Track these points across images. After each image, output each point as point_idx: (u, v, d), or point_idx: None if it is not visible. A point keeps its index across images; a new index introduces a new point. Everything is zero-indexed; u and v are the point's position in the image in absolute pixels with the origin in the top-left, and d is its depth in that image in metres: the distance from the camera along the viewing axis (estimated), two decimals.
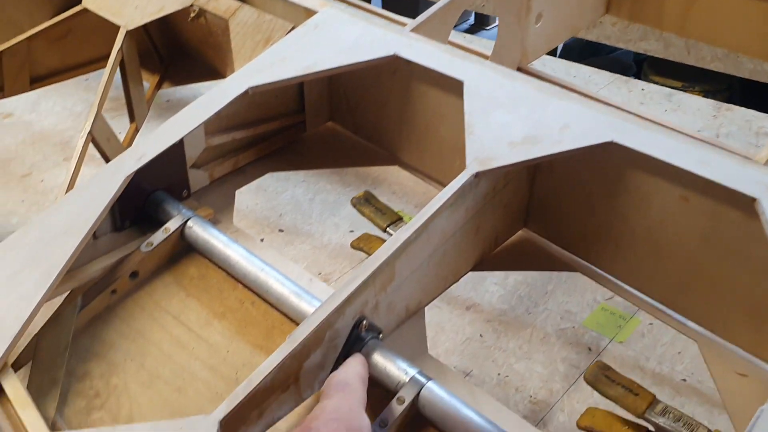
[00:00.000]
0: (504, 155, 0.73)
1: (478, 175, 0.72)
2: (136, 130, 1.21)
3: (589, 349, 1.20)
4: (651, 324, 1.24)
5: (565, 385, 1.13)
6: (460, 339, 1.24)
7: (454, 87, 0.84)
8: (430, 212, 0.69)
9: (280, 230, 1.63)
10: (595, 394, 1.09)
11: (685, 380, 1.16)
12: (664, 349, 1.20)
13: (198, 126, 0.85)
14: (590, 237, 0.84)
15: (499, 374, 1.16)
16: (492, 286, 1.34)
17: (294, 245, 1.57)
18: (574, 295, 1.32)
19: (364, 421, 0.55)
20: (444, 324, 1.27)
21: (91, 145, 1.07)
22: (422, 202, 1.55)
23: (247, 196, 1.80)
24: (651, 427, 0.69)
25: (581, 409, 1.08)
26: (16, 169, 1.96)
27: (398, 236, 0.68)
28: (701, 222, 0.72)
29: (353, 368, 0.63)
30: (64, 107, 2.24)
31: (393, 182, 1.71)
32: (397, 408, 0.63)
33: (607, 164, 0.77)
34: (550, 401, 1.10)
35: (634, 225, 0.79)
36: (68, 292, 0.77)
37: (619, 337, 1.22)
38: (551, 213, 0.86)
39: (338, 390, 0.58)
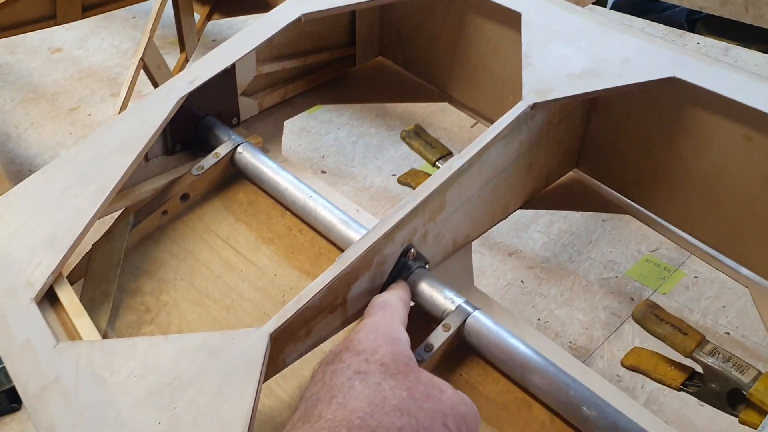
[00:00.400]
0: (562, 87, 0.71)
1: (534, 107, 0.71)
2: (186, 61, 1.21)
3: (632, 299, 1.19)
4: (696, 277, 1.22)
5: (605, 332, 1.12)
6: (500, 284, 1.23)
7: (511, 19, 0.82)
8: (484, 142, 0.68)
9: (323, 171, 1.64)
10: (636, 341, 1.09)
11: (729, 334, 1.14)
12: (708, 303, 1.18)
13: (250, 51, 0.84)
14: (644, 179, 0.82)
15: (539, 319, 1.15)
16: (535, 234, 1.33)
17: (336, 187, 1.57)
18: (618, 246, 1.30)
19: (402, 333, 0.56)
20: (485, 269, 1.26)
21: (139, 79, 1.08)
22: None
23: (290, 138, 1.81)
24: (698, 368, 0.68)
25: (621, 357, 1.08)
26: (65, 102, 1.99)
27: (451, 165, 0.68)
28: (764, 163, 0.70)
29: (395, 291, 0.64)
30: (111, 44, 2.26)
31: (438, 126, 1.69)
32: (443, 334, 0.63)
33: (667, 102, 0.75)
34: (590, 347, 1.09)
35: (692, 167, 0.77)
36: (121, 211, 0.78)
37: (662, 289, 1.20)
38: (605, 153, 0.84)
39: (379, 309, 0.59)
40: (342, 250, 0.75)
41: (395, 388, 0.47)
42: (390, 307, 0.59)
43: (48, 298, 0.67)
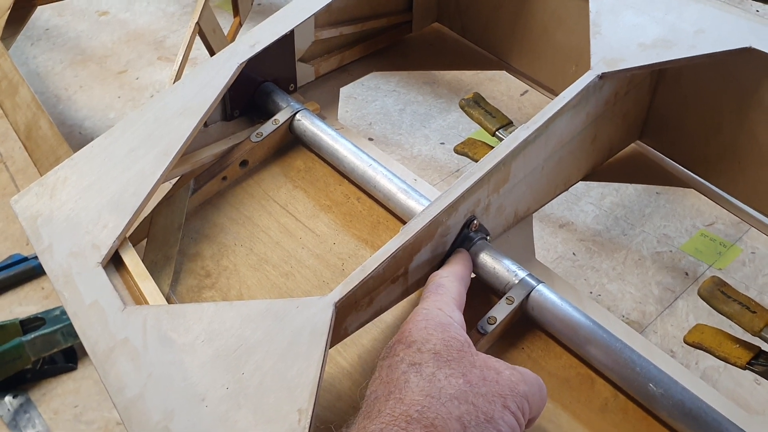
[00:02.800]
0: (633, 57, 0.69)
1: (603, 77, 0.69)
2: (240, 25, 1.20)
3: (686, 274, 1.17)
4: (753, 253, 1.19)
5: (659, 307, 1.11)
6: (551, 256, 1.22)
7: None
8: (551, 112, 0.67)
9: (370, 139, 1.63)
10: (690, 317, 1.07)
11: None
12: (766, 279, 1.15)
13: (309, 16, 0.83)
14: (711, 154, 0.80)
15: (591, 293, 1.14)
16: (587, 206, 1.31)
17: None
18: (673, 220, 1.27)
19: (456, 315, 0.55)
20: (536, 242, 1.23)
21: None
22: (519, 118, 1.51)
23: None
24: (765, 346, 0.66)
25: (675, 333, 1.06)
26: (113, 65, 2.00)
27: (517, 135, 0.66)
28: None
29: (453, 267, 0.63)
30: (157, 7, 2.26)
31: (487, 95, 1.67)
32: (506, 307, 0.63)
33: (741, 73, 0.72)
34: (642, 323, 1.08)
35: (764, 143, 0.74)
36: (180, 176, 0.79)
37: (718, 264, 1.18)
38: (670, 126, 0.82)
39: (432, 292, 0.58)
40: (401, 219, 0.74)
41: (450, 377, 0.47)
42: (443, 289, 0.58)
43: (113, 262, 0.68)
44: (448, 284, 0.59)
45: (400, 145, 1.60)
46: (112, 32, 2.14)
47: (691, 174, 0.83)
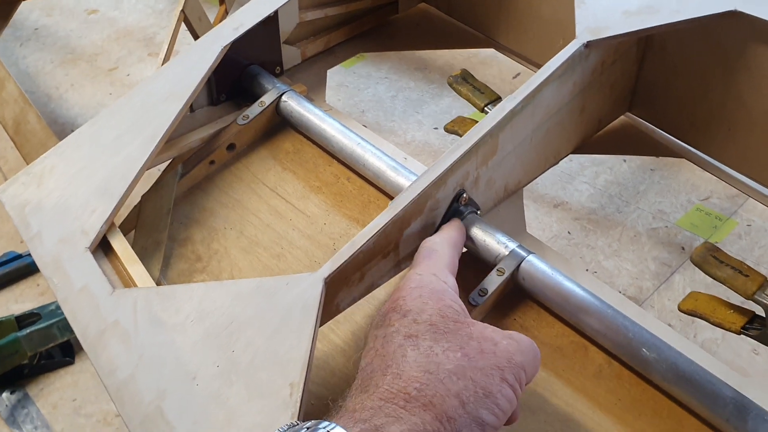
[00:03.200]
0: (618, 24, 0.69)
1: (588, 46, 0.68)
2: (226, 12, 1.20)
3: (683, 248, 1.17)
4: (749, 225, 1.19)
5: (656, 282, 1.10)
6: (546, 236, 1.22)
7: None
8: (538, 82, 0.66)
9: (363, 126, 1.62)
10: (687, 291, 1.07)
11: None
12: (762, 251, 1.15)
13: None
14: (700, 121, 0.79)
15: (587, 270, 1.14)
16: (581, 185, 1.31)
17: None
18: (667, 196, 1.27)
19: (450, 280, 0.54)
20: (530, 221, 1.24)
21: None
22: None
23: (328, 93, 1.80)
24: (760, 311, 0.66)
25: (672, 307, 1.06)
26: (103, 63, 2.00)
27: (503, 106, 0.66)
28: None
29: (445, 233, 0.62)
30: (146, 5, 2.26)
31: (479, 78, 1.66)
32: (497, 279, 0.62)
33: (726, 38, 0.72)
34: (639, 298, 1.07)
35: (752, 107, 0.74)
36: (169, 161, 0.78)
37: (714, 238, 1.18)
38: (659, 95, 0.82)
39: (424, 257, 0.57)
40: (391, 198, 0.74)
41: (448, 351, 0.46)
42: (436, 255, 0.58)
43: (102, 247, 0.67)
44: (441, 249, 0.58)
45: (394, 131, 1.60)
46: (101, 30, 2.13)
47: (683, 144, 0.83)
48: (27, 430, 1.06)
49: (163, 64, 0.98)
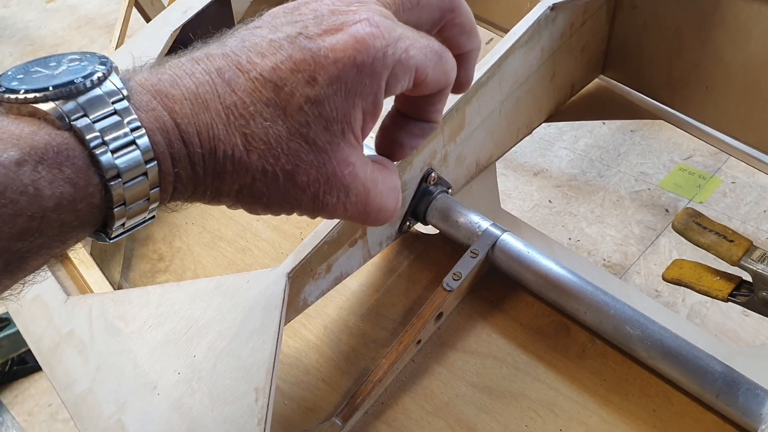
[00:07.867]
0: None
1: (554, 8, 0.65)
2: None
3: (667, 210, 1.14)
4: (733, 183, 1.16)
5: (641, 247, 1.08)
6: (527, 206, 1.19)
7: None
8: (503, 51, 0.63)
9: None
10: (674, 254, 1.04)
11: None
12: (748, 209, 1.13)
13: None
14: (677, 80, 0.76)
15: (569, 239, 1.11)
16: (561, 151, 1.28)
17: None
18: (649, 157, 1.24)
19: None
20: (510, 191, 1.22)
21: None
22: None
23: None
24: (746, 276, 0.63)
25: (659, 272, 1.04)
26: None
27: None
28: None
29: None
30: None
31: None
32: (471, 261, 0.59)
33: None
34: (625, 264, 1.05)
35: (729, 62, 0.71)
36: None
37: (698, 198, 1.15)
38: (632, 56, 0.78)
39: None
40: None
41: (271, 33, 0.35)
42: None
43: None
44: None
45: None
46: (61, 19, 2.07)
47: (660, 105, 0.80)
48: None
49: (116, 50, 0.94)
